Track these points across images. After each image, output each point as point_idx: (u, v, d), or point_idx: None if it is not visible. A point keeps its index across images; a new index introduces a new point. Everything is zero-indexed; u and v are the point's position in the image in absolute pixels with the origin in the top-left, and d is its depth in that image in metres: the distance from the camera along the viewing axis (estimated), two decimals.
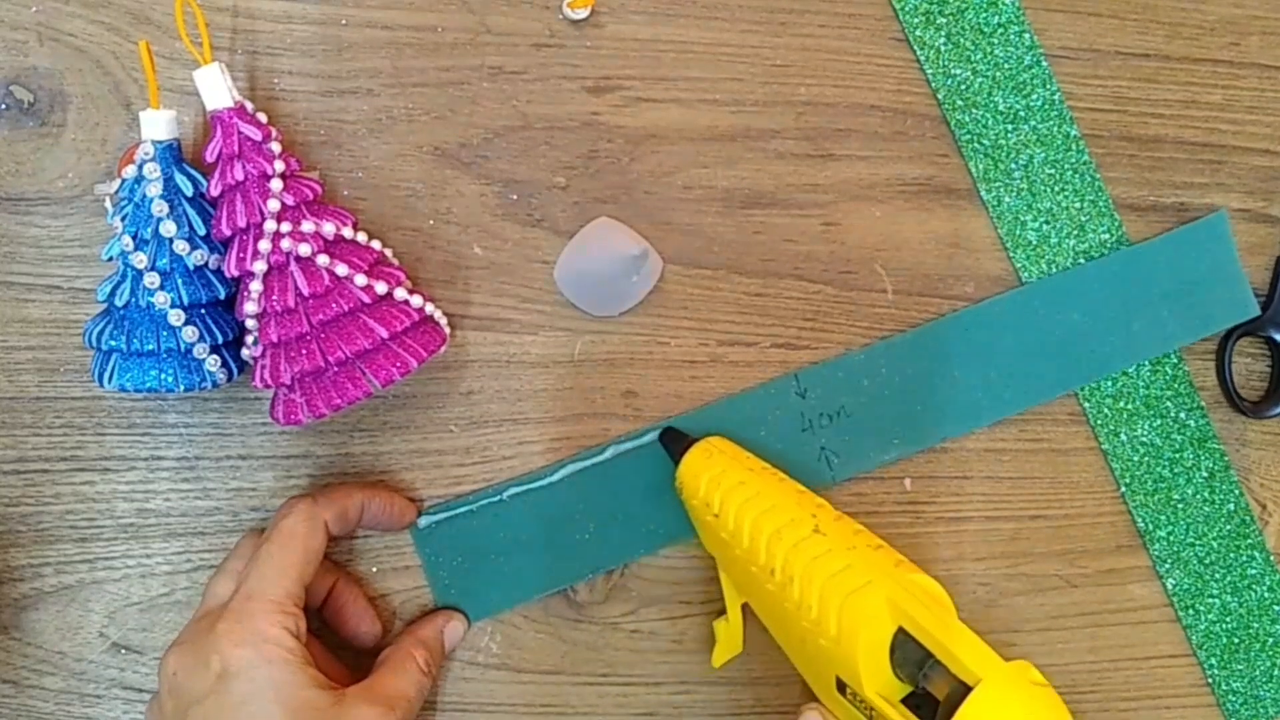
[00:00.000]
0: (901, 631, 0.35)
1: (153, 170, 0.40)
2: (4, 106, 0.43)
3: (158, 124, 0.40)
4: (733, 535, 0.40)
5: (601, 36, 0.46)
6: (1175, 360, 0.51)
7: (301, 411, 0.40)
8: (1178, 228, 0.50)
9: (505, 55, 0.46)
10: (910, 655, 0.35)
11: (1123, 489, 0.50)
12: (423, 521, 0.46)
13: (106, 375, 0.40)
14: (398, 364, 0.40)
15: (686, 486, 0.43)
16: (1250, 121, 0.51)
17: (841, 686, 0.37)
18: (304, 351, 0.40)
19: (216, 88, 0.40)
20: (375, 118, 0.45)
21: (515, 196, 0.46)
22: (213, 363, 0.41)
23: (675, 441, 0.45)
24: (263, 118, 0.41)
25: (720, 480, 0.42)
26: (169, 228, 0.39)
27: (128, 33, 0.43)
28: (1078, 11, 0.49)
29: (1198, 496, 0.51)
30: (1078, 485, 0.50)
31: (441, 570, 0.46)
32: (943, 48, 0.48)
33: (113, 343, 0.40)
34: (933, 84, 0.48)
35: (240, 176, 0.40)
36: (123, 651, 0.45)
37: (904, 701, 0.35)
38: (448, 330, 0.44)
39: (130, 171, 0.40)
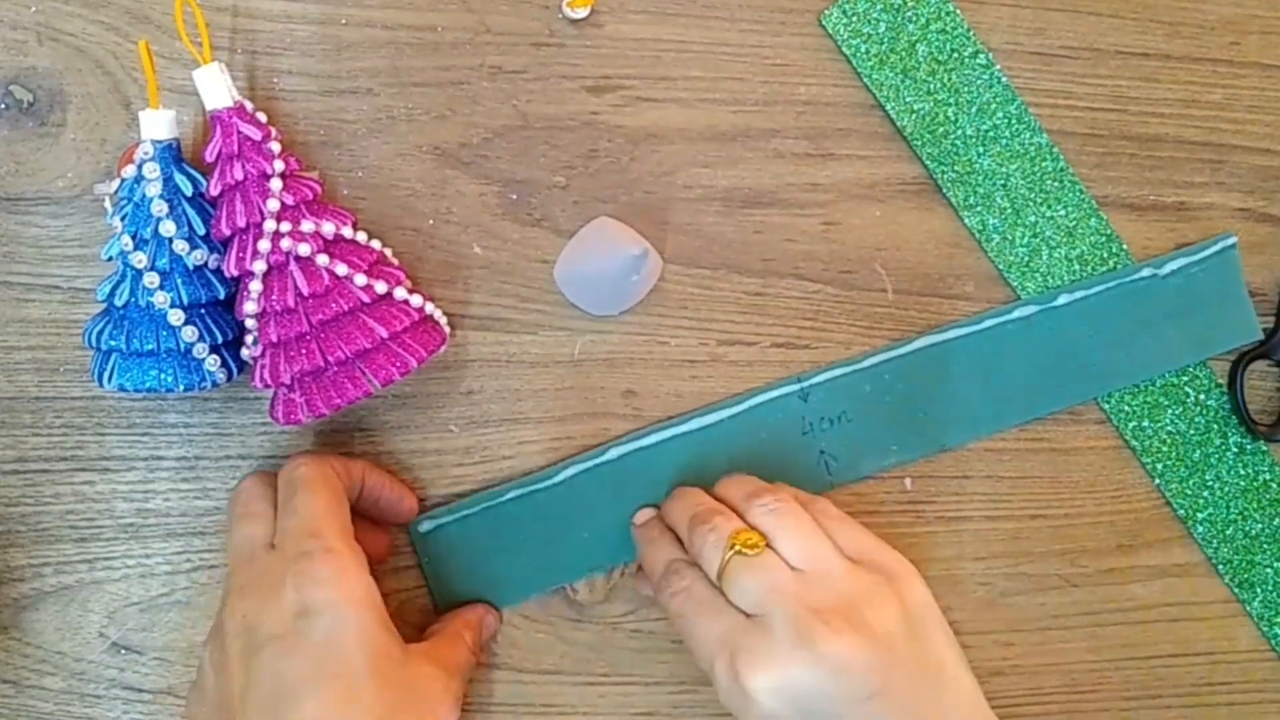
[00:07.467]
0: None
1: (152, 170, 0.40)
2: (4, 106, 0.43)
3: (157, 124, 0.40)
4: None
5: (601, 36, 0.46)
6: None
7: (301, 411, 0.40)
8: (1186, 248, 0.50)
9: (505, 55, 0.45)
10: None
11: (1157, 480, 0.50)
12: (424, 526, 0.46)
13: (106, 375, 0.40)
14: (397, 364, 0.40)
15: None
16: (1250, 121, 0.51)
17: None
18: (304, 351, 0.40)
19: (216, 87, 0.40)
20: (375, 118, 0.45)
21: (515, 196, 0.46)
22: (212, 363, 0.41)
23: None
24: (262, 117, 0.41)
25: None
26: (168, 227, 0.39)
27: (127, 32, 0.43)
28: (1078, 11, 0.49)
29: (1231, 473, 0.51)
30: (1078, 485, 0.50)
31: (441, 572, 0.46)
32: (901, 85, 0.48)
33: (112, 342, 0.40)
34: (897, 122, 0.48)
35: (240, 176, 0.40)
36: (123, 651, 0.45)
37: None
38: (448, 330, 0.44)
39: (130, 171, 0.40)
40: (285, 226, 0.40)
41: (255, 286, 0.40)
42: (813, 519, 0.40)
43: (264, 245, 0.39)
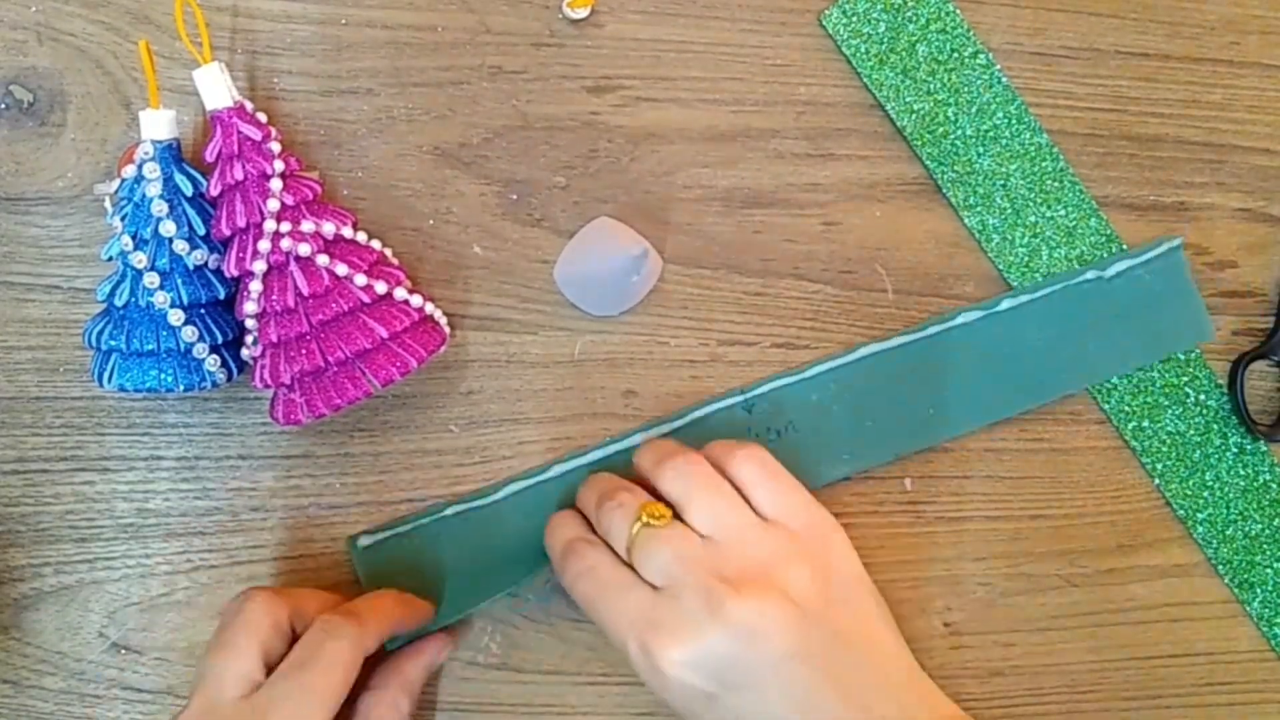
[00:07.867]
0: None
1: (152, 170, 0.40)
2: (4, 106, 0.43)
3: (157, 124, 0.40)
4: None
5: (601, 36, 0.46)
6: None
7: (301, 411, 0.40)
8: (1131, 250, 0.49)
9: (505, 55, 0.46)
10: None
11: (1157, 480, 0.50)
12: (363, 541, 0.45)
13: (106, 375, 0.40)
14: (397, 364, 0.40)
15: None
16: (1251, 121, 0.51)
17: None
18: (304, 351, 0.40)
19: (216, 87, 0.40)
20: (375, 118, 0.45)
21: (515, 196, 0.46)
22: (212, 363, 0.41)
23: None
24: (262, 117, 0.41)
25: None
26: (168, 227, 0.39)
27: (127, 32, 0.43)
28: (1078, 11, 0.49)
29: (1231, 473, 0.51)
30: (1078, 485, 0.50)
31: (379, 587, 0.44)
32: (901, 85, 0.48)
33: (112, 342, 0.40)
34: (897, 122, 0.48)
35: (240, 176, 0.40)
36: (123, 651, 0.45)
37: None
38: (447, 330, 0.44)
39: (130, 171, 0.40)
40: (285, 226, 0.40)
41: (255, 286, 0.40)
42: (727, 481, 0.40)
43: (264, 245, 0.39)
